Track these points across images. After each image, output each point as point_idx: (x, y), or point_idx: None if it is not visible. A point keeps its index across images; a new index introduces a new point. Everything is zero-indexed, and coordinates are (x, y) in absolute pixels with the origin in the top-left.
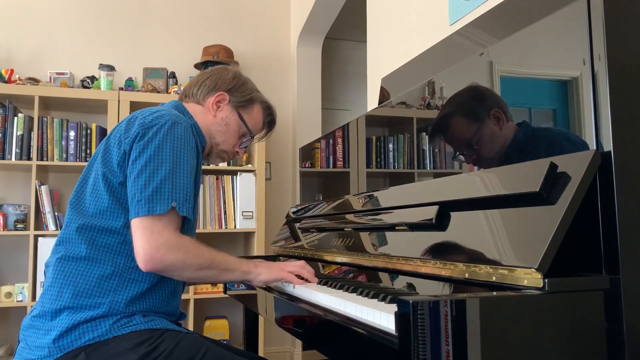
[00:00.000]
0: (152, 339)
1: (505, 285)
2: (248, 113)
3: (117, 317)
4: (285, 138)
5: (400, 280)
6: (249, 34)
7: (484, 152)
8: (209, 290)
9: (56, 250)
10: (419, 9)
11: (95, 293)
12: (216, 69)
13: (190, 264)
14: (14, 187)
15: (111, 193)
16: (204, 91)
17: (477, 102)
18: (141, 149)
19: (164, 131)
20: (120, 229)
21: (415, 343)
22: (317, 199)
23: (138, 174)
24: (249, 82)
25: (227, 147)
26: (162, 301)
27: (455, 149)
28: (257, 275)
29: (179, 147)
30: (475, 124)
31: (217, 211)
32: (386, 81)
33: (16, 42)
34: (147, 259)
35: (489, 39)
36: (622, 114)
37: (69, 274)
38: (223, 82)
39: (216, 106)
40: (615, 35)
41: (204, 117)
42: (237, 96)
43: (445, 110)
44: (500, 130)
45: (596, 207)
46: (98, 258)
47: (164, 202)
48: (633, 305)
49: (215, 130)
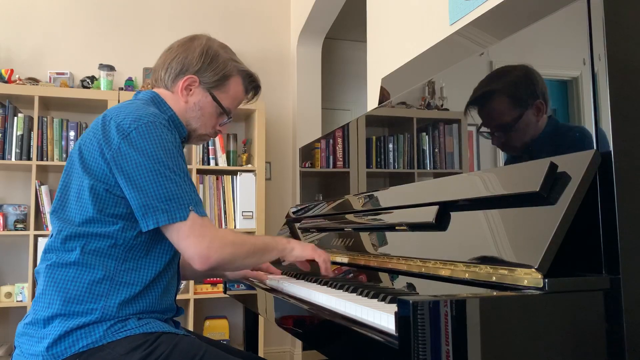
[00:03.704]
0: (148, 343)
1: (505, 285)
2: (223, 91)
3: (111, 322)
4: (285, 138)
5: (400, 280)
6: (249, 34)
7: (512, 138)
8: (209, 290)
9: (45, 257)
10: (419, 9)
11: (87, 299)
12: (182, 45)
13: (239, 254)
14: (14, 187)
15: (97, 203)
16: (171, 75)
17: (526, 87)
18: (131, 156)
19: (147, 134)
20: (111, 233)
21: (415, 343)
22: (317, 199)
23: (141, 184)
24: (219, 55)
25: (205, 131)
26: (156, 300)
27: (485, 124)
28: (291, 250)
29: (169, 148)
30: (516, 108)
31: (217, 211)
32: (386, 81)
33: (16, 42)
34: (202, 261)
35: (489, 39)
36: (622, 114)
37: (58, 280)
38: (190, 62)
39: (186, 91)
40: (615, 35)
41: (176, 104)
42: (208, 76)
43: (492, 84)
44: (536, 122)
45: (596, 207)
46: (88, 263)
47: (184, 208)
48: (633, 305)
49: (190, 117)
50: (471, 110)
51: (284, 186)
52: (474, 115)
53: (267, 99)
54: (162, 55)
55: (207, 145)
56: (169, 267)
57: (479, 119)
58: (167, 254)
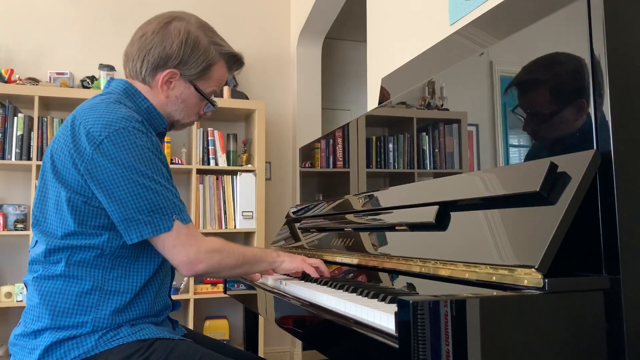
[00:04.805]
0: (142, 350)
1: (505, 285)
2: (206, 80)
3: (102, 332)
4: (285, 138)
5: (400, 280)
6: (249, 34)
7: (545, 129)
8: (209, 290)
9: (31, 269)
10: (419, 9)
11: (76, 311)
12: (157, 32)
13: (227, 264)
14: (14, 187)
15: (77, 217)
16: (148, 69)
17: (575, 83)
18: (106, 168)
19: (120, 142)
20: (97, 244)
21: (415, 343)
22: (317, 199)
23: (119, 196)
24: (200, 41)
25: (189, 119)
26: (149, 305)
27: (524, 108)
28: (281, 263)
29: (145, 154)
30: (559, 101)
31: (217, 211)
32: (386, 81)
33: (16, 42)
34: (189, 268)
35: (489, 39)
36: (622, 114)
37: (45, 293)
38: (169, 55)
39: (166, 85)
40: (615, 35)
41: (155, 98)
42: (190, 68)
43: (540, 72)
44: (573, 121)
45: (596, 207)
46: (74, 274)
47: (168, 218)
48: (633, 305)
49: (171, 110)
50: (513, 90)
51: (284, 186)
52: (514, 94)
53: (267, 99)
54: (135, 41)
55: (207, 145)
56: (160, 269)
57: (519, 100)
58: (158, 257)
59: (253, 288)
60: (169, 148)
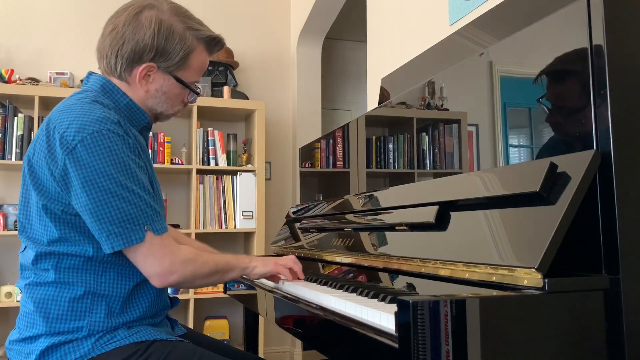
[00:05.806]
0: (139, 353)
1: (505, 285)
2: (186, 69)
3: (99, 335)
4: (285, 138)
5: (400, 280)
6: (249, 34)
7: (566, 125)
8: (209, 290)
9: (22, 275)
10: (419, 9)
11: (71, 317)
12: (128, 25)
13: (200, 274)
14: (14, 187)
15: (59, 225)
16: (123, 65)
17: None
18: (78, 175)
19: (93, 147)
20: (84, 251)
21: (415, 343)
22: (317, 199)
23: (91, 206)
24: (174, 29)
25: (174, 110)
26: (146, 307)
27: (550, 100)
28: (253, 268)
29: (120, 160)
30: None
31: (217, 211)
32: (386, 81)
33: (16, 42)
34: (161, 280)
35: (489, 39)
36: (622, 114)
37: (38, 300)
38: (143, 49)
39: (144, 80)
40: (615, 35)
41: (134, 94)
42: (167, 59)
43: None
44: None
45: (596, 207)
46: (66, 280)
47: (139, 229)
48: (633, 305)
49: (153, 104)
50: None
51: (284, 186)
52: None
53: (267, 99)
54: (106, 36)
55: (207, 146)
56: None
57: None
58: None
59: (253, 288)
60: (169, 148)
